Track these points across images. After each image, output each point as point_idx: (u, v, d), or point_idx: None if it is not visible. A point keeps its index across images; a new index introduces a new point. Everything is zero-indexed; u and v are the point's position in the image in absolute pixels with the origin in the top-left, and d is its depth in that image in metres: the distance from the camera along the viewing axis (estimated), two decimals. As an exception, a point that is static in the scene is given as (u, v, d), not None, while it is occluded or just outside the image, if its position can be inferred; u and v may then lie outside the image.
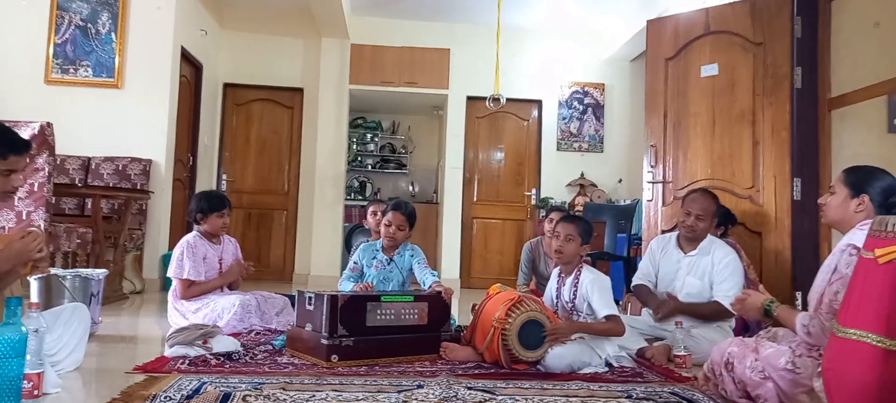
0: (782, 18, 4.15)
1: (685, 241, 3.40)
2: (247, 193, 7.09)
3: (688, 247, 3.38)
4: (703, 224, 3.32)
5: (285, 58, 7.15)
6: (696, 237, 3.34)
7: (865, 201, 2.15)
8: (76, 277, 3.22)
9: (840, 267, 2.02)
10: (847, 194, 2.20)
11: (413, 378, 2.52)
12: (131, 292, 5.16)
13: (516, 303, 2.73)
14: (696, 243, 3.35)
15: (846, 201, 2.20)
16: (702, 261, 3.30)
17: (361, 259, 3.55)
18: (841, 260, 2.03)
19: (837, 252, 2.08)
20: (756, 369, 2.17)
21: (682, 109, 4.64)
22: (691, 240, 3.36)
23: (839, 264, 2.03)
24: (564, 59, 7.33)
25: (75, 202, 5.33)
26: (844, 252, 2.03)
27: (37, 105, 5.31)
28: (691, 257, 3.34)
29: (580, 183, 7.17)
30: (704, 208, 3.32)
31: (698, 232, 3.32)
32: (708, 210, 3.33)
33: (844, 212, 2.20)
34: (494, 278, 6.38)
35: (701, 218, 3.31)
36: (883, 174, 2.21)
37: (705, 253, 3.31)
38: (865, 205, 2.15)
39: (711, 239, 3.36)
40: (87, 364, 2.56)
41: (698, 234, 3.33)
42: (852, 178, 2.22)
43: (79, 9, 5.52)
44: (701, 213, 3.31)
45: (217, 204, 3.74)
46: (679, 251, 3.40)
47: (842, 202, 2.21)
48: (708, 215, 3.32)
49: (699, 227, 3.31)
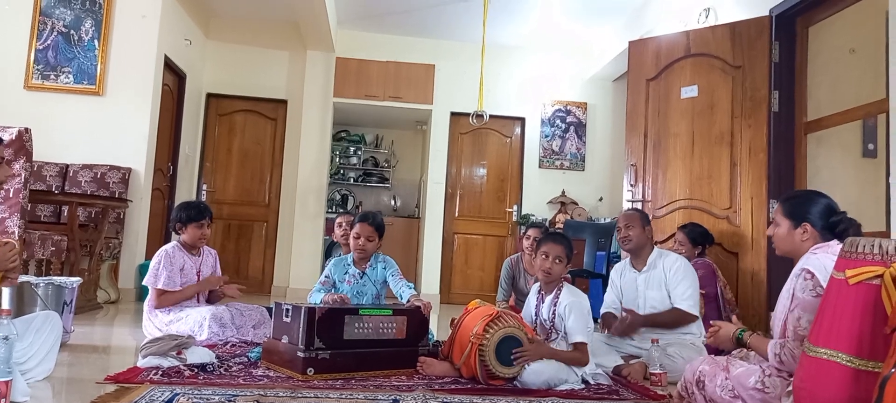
0: (761, 43, 4.22)
1: (634, 259, 3.51)
2: (227, 204, 7.04)
3: (639, 265, 3.47)
4: (633, 230, 3.42)
5: (270, 69, 7.14)
6: (635, 247, 3.44)
7: (808, 228, 2.20)
8: (49, 285, 3.17)
9: (796, 292, 2.08)
10: (789, 225, 2.25)
11: (389, 392, 2.50)
12: (106, 302, 5.08)
13: (494, 319, 2.73)
14: (642, 258, 3.45)
15: (790, 232, 2.24)
16: (654, 274, 3.40)
17: (333, 274, 3.50)
18: (797, 285, 2.08)
19: (793, 277, 2.13)
20: (726, 388, 2.20)
21: (662, 129, 4.69)
22: (636, 254, 3.47)
23: (795, 289, 2.08)
24: (548, 77, 7.40)
25: (51, 209, 5.26)
26: (799, 277, 2.09)
27: (16, 111, 5.23)
28: (645, 273, 3.43)
29: (561, 200, 7.21)
30: (629, 218, 3.47)
31: (633, 239, 3.42)
32: (633, 219, 3.46)
33: (791, 243, 2.25)
34: (475, 294, 6.39)
35: (629, 226, 3.43)
36: (818, 197, 2.26)
37: (654, 266, 3.41)
38: (809, 232, 2.20)
39: (658, 252, 3.47)
40: (57, 373, 2.51)
41: (635, 242, 3.43)
42: (790, 209, 2.26)
43: (62, 15, 5.48)
44: (627, 223, 3.45)
45: (196, 215, 3.69)
46: (633, 271, 3.50)
47: (787, 233, 2.26)
48: (635, 223, 3.44)
49: (632, 234, 3.42)
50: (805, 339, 1.98)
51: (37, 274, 4.10)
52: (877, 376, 1.58)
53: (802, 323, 2.04)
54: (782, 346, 2.11)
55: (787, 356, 2.08)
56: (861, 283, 1.73)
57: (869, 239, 1.76)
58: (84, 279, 4.31)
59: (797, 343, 2.06)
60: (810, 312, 2.02)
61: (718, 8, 4.81)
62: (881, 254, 1.72)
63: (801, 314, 2.05)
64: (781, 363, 2.11)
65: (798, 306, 2.06)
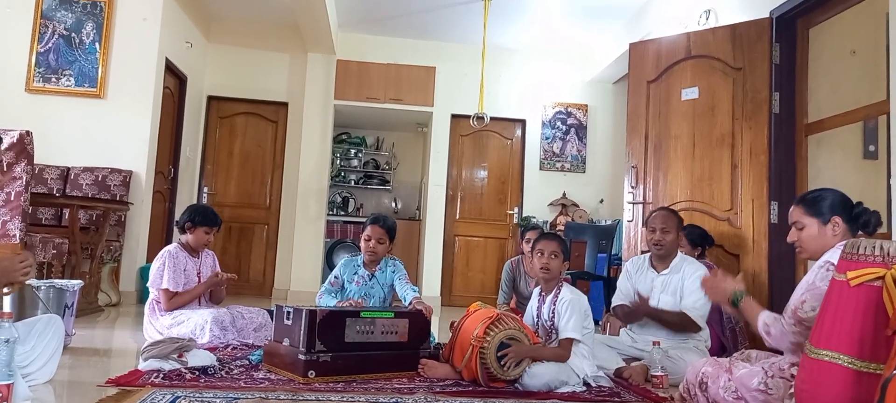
0: (761, 44, 4.22)
1: (657, 260, 3.46)
2: (228, 206, 7.04)
3: (660, 266, 3.44)
4: (670, 236, 3.38)
5: (271, 72, 7.14)
6: (666, 252, 3.40)
7: (839, 222, 2.18)
8: (51, 288, 3.18)
9: (816, 281, 2.04)
10: (818, 224, 2.21)
11: (390, 395, 2.50)
12: (107, 304, 5.08)
13: (495, 321, 2.73)
14: (667, 261, 3.41)
15: (821, 230, 2.20)
16: (674, 279, 3.36)
17: (342, 274, 3.54)
18: (817, 274, 2.05)
19: (816, 268, 2.09)
20: (729, 389, 2.20)
21: (663, 131, 4.69)
22: (662, 258, 3.42)
23: (816, 279, 2.05)
24: (549, 79, 7.40)
25: (53, 212, 5.26)
26: (822, 267, 2.05)
27: (17, 113, 5.24)
28: (664, 276, 3.40)
29: (562, 202, 7.21)
30: (666, 221, 3.40)
31: (667, 245, 3.38)
32: (670, 222, 3.40)
33: (823, 241, 2.19)
34: (476, 296, 6.38)
35: (666, 231, 3.38)
36: (832, 192, 2.25)
37: (676, 271, 3.37)
38: (840, 227, 2.18)
39: (682, 258, 3.43)
40: (59, 376, 2.51)
41: (667, 248, 3.39)
42: (814, 208, 2.23)
43: (63, 18, 5.49)
44: (664, 227, 3.39)
45: (208, 220, 3.75)
46: (653, 271, 3.46)
47: (817, 233, 2.21)
48: (672, 227, 3.39)
49: (666, 240, 3.38)
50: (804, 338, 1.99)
51: (38, 276, 4.10)
52: (878, 378, 1.58)
53: (805, 307, 2.01)
54: (776, 320, 2.10)
55: (777, 330, 2.07)
56: (862, 285, 1.73)
57: (870, 241, 1.76)
58: (85, 282, 4.32)
59: (791, 321, 2.04)
60: (818, 300, 1.97)
61: (719, 10, 4.81)
62: (882, 256, 1.72)
63: (807, 298, 2.02)
64: (769, 335, 2.11)
65: (808, 292, 2.03)
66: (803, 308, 2.03)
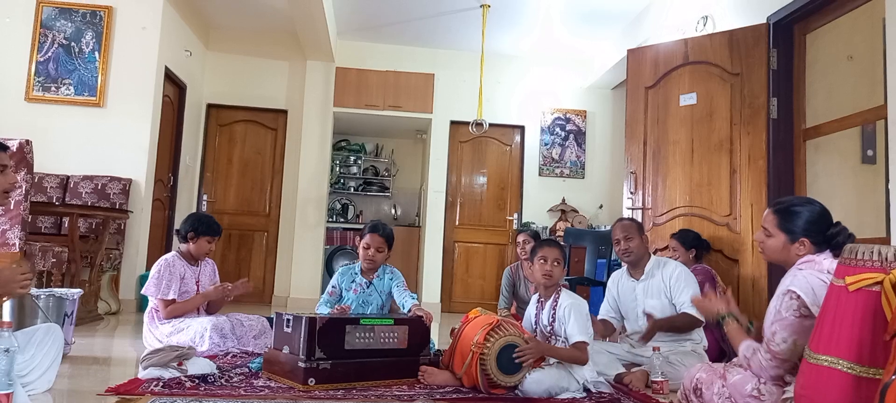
0: (759, 50, 4.24)
1: (632, 268, 3.51)
2: (228, 214, 7.04)
3: (636, 273, 3.48)
4: (634, 242, 3.43)
5: (270, 79, 7.16)
6: (636, 258, 3.45)
7: (806, 243, 2.17)
8: (50, 296, 3.17)
9: (782, 310, 2.07)
10: (785, 240, 2.20)
11: (390, 402, 2.50)
12: (107, 313, 5.08)
13: (495, 328, 2.73)
14: (641, 265, 3.46)
15: (787, 247, 2.20)
16: (653, 283, 3.41)
17: (340, 282, 3.53)
18: (782, 304, 2.07)
19: (779, 294, 2.10)
20: (723, 395, 2.21)
21: (661, 137, 4.70)
22: (635, 264, 3.48)
23: (781, 308, 2.07)
24: (547, 85, 7.42)
25: (52, 220, 5.26)
26: (785, 296, 2.07)
27: (17, 122, 5.25)
28: (643, 282, 3.44)
29: (561, 208, 7.22)
30: (627, 229, 3.47)
31: (634, 251, 3.43)
32: (631, 229, 3.47)
33: (786, 255, 2.22)
34: (476, 302, 6.38)
35: (629, 238, 3.44)
36: (811, 206, 2.21)
37: (653, 274, 3.42)
38: (806, 247, 2.17)
39: (656, 260, 3.47)
40: (58, 385, 2.51)
41: (636, 254, 3.44)
42: (786, 223, 2.21)
43: (63, 27, 5.50)
44: (626, 235, 3.45)
45: (211, 230, 3.75)
46: (631, 279, 3.51)
47: (782, 247, 2.22)
48: (633, 233, 3.45)
49: (632, 246, 3.43)
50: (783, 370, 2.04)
51: (37, 285, 4.10)
52: (877, 383, 1.58)
53: (776, 339, 2.05)
54: (754, 351, 2.13)
55: (756, 364, 2.11)
56: (861, 290, 1.73)
57: (868, 246, 1.77)
58: (85, 290, 4.31)
59: (768, 356, 2.08)
60: (788, 331, 2.03)
61: (716, 16, 4.83)
62: (881, 261, 1.72)
63: (777, 329, 2.06)
64: (750, 366, 2.15)
65: (777, 322, 2.06)
66: (775, 340, 2.05)
